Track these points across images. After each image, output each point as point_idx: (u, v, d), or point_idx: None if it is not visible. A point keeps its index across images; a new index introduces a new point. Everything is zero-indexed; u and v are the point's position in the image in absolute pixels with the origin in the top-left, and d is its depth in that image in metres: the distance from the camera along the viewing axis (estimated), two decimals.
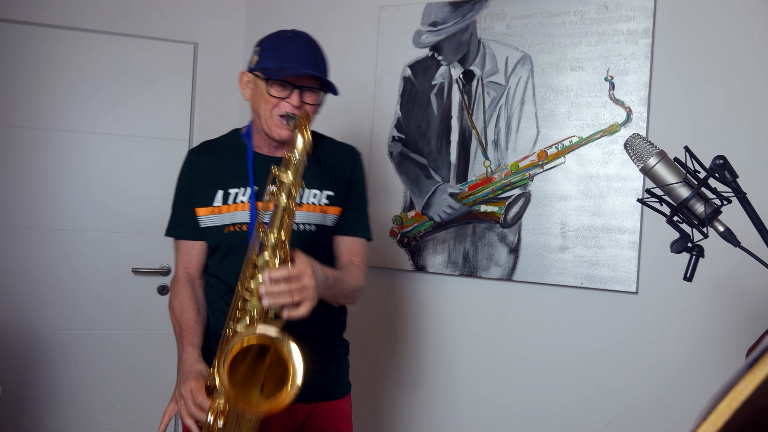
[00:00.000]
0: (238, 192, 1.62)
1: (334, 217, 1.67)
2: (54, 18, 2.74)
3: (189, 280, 1.69)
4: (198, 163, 1.68)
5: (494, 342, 2.40)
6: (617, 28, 2.19)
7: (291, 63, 1.53)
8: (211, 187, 1.64)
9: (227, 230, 1.61)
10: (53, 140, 2.77)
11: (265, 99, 1.55)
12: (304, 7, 2.82)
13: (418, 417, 2.52)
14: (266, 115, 1.56)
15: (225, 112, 2.97)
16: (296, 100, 1.54)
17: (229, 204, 1.62)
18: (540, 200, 2.30)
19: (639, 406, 2.16)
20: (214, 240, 1.64)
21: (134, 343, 2.85)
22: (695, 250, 1.16)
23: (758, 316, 1.98)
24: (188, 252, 1.69)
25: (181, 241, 1.70)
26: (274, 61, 1.55)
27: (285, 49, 1.56)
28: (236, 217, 1.61)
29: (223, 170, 1.65)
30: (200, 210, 1.64)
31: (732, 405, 0.51)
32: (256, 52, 1.61)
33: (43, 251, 2.75)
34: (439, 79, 2.48)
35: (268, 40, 1.60)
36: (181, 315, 1.62)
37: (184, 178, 1.70)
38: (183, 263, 1.70)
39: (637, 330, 2.17)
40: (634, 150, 1.20)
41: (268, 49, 1.58)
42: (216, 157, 1.69)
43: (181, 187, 1.71)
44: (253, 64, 1.60)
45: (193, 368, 1.47)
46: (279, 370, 1.33)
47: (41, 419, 2.75)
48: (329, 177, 1.67)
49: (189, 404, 1.39)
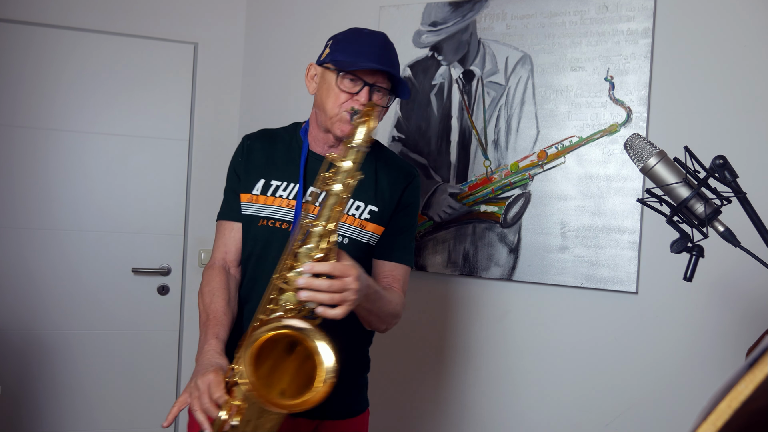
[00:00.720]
0: (280, 185, 1.55)
1: (371, 234, 1.57)
2: (54, 18, 2.74)
3: (224, 267, 1.58)
4: (249, 148, 1.62)
5: (494, 342, 2.40)
6: (617, 28, 2.19)
7: (365, 58, 1.46)
8: (254, 173, 1.57)
9: (261, 223, 1.54)
10: (53, 140, 2.77)
11: (334, 93, 1.48)
12: (304, 7, 2.82)
13: (416, 415, 2.52)
14: (333, 110, 1.48)
15: (225, 112, 2.97)
16: (365, 97, 1.47)
17: (268, 195, 1.55)
18: (540, 200, 2.30)
19: (639, 406, 2.16)
20: (250, 230, 1.56)
21: (134, 343, 2.85)
22: (695, 250, 1.16)
23: (758, 316, 1.98)
24: (231, 235, 1.59)
25: (226, 222, 1.61)
26: (348, 54, 1.48)
27: (361, 44, 1.49)
28: (273, 212, 1.53)
29: (272, 160, 1.59)
30: (242, 196, 1.57)
31: (732, 405, 0.51)
32: (327, 45, 1.54)
33: (43, 251, 2.75)
34: (439, 79, 2.48)
35: (342, 35, 1.54)
36: (211, 303, 1.51)
37: (235, 161, 1.63)
38: (221, 248, 1.60)
39: (637, 330, 2.17)
40: (634, 150, 1.20)
41: (342, 42, 1.51)
42: (268, 146, 1.61)
43: (231, 168, 1.63)
44: (323, 57, 1.53)
45: (213, 361, 1.36)
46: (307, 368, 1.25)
47: (41, 419, 2.76)
48: (378, 192, 1.57)
49: (204, 398, 1.28)
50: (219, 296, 1.52)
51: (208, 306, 1.51)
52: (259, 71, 2.94)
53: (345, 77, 1.47)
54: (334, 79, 1.48)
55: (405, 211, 1.61)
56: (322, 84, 1.52)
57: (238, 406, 1.26)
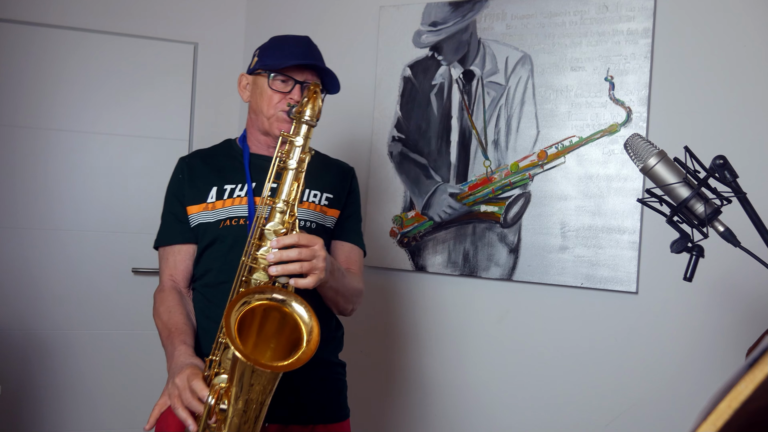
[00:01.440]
0: (234, 188, 1.59)
1: (333, 219, 1.66)
2: (54, 18, 2.74)
3: (176, 288, 1.60)
4: (189, 165, 1.65)
5: (494, 342, 2.40)
6: (617, 28, 2.19)
7: (291, 57, 1.54)
8: (204, 184, 1.59)
9: (223, 225, 1.55)
10: (53, 140, 2.77)
11: (267, 95, 1.55)
12: (304, 7, 2.82)
13: (416, 415, 2.52)
14: (269, 111, 1.55)
15: (225, 112, 2.97)
16: (297, 95, 1.53)
17: (225, 199, 1.57)
18: (540, 200, 2.30)
19: (639, 406, 2.16)
20: (210, 236, 1.56)
21: (134, 343, 2.85)
22: (695, 250, 1.16)
23: (758, 316, 1.98)
24: (174, 258, 1.60)
25: (167, 247, 1.61)
26: (275, 57, 1.55)
27: (285, 46, 1.58)
28: (233, 212, 1.56)
29: (217, 170, 1.62)
30: (192, 208, 1.59)
31: (732, 405, 0.51)
32: (255, 54, 1.62)
33: (43, 251, 2.75)
34: (439, 79, 2.48)
35: (268, 43, 1.62)
36: (169, 320, 1.51)
37: (175, 180, 1.65)
38: (168, 271, 1.61)
39: (637, 330, 2.17)
40: (634, 150, 1.20)
41: (268, 49, 1.60)
42: (209, 159, 1.66)
43: (171, 192, 1.65)
44: (252, 65, 1.61)
45: (186, 361, 1.37)
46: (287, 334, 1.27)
47: (41, 419, 2.75)
48: (329, 180, 1.66)
49: (185, 394, 1.27)
50: (176, 312, 1.53)
51: (167, 322, 1.51)
52: None
53: (276, 78, 1.54)
54: (266, 83, 1.55)
55: (353, 196, 1.72)
56: (254, 90, 1.59)
57: (224, 388, 1.27)
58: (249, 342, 1.29)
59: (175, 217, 1.61)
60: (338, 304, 1.57)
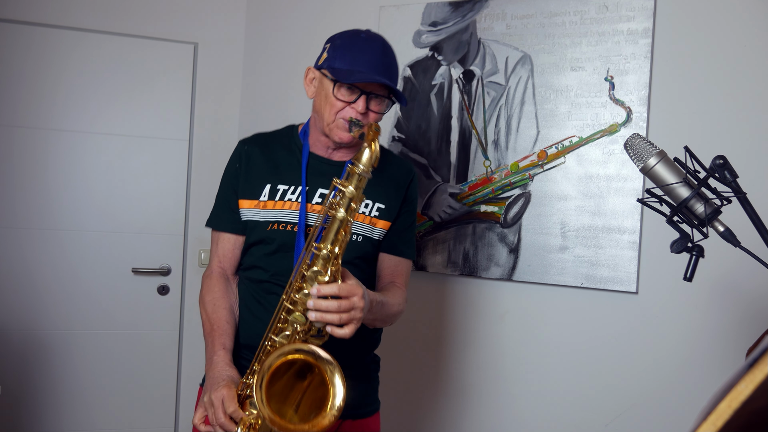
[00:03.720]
0: (287, 189, 1.55)
1: (382, 231, 1.61)
2: (54, 18, 2.74)
3: (223, 276, 1.61)
4: (248, 154, 1.61)
5: (494, 342, 2.40)
6: (617, 28, 2.19)
7: (362, 67, 1.46)
8: (258, 179, 1.57)
9: (270, 227, 1.54)
10: (53, 140, 2.77)
11: (330, 101, 1.48)
12: (304, 7, 2.82)
13: (415, 415, 2.52)
14: (329, 117, 1.50)
15: (225, 112, 2.97)
16: (362, 107, 1.47)
17: (276, 200, 1.55)
18: (540, 200, 2.30)
19: (639, 406, 2.16)
20: (257, 236, 1.56)
21: (134, 343, 2.85)
22: (695, 250, 1.16)
23: (758, 316, 1.98)
24: (224, 246, 1.61)
25: (220, 233, 1.62)
26: (345, 61, 1.47)
27: (358, 51, 1.48)
28: (282, 216, 1.54)
29: (274, 164, 1.58)
30: (244, 202, 1.57)
31: (732, 405, 0.51)
32: (325, 49, 1.53)
33: (43, 251, 2.75)
34: (439, 79, 2.48)
35: (340, 39, 1.52)
36: (213, 313, 1.54)
37: (232, 167, 1.62)
38: (218, 257, 1.62)
39: (637, 330, 2.17)
40: (634, 150, 1.20)
41: (339, 49, 1.50)
42: (268, 150, 1.61)
43: (227, 177, 1.63)
44: (321, 62, 1.52)
45: (223, 373, 1.41)
46: (318, 392, 1.30)
47: (41, 419, 2.76)
48: (383, 189, 1.59)
49: (219, 413, 1.33)
50: (221, 306, 1.56)
51: (210, 315, 1.55)
52: (259, 71, 2.94)
53: (341, 87, 1.47)
54: (330, 87, 1.48)
55: (409, 206, 1.65)
56: (320, 89, 1.52)
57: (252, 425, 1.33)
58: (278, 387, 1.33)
59: (228, 206, 1.60)
60: (374, 325, 1.58)
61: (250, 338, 1.55)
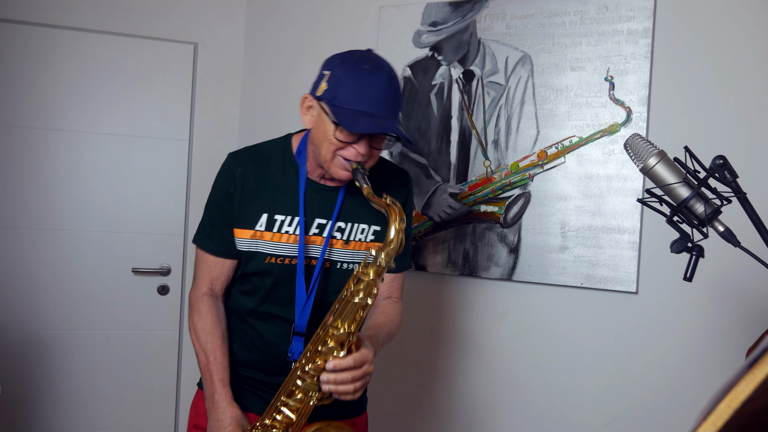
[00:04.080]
0: (285, 220, 1.49)
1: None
2: (54, 18, 2.74)
3: (213, 297, 1.56)
4: (242, 178, 1.51)
5: (494, 342, 2.40)
6: (617, 28, 2.19)
7: (367, 107, 1.34)
8: (255, 207, 1.50)
9: (268, 260, 1.50)
10: (53, 140, 2.77)
11: (329, 139, 1.37)
12: (304, 7, 2.82)
13: (415, 415, 2.52)
14: (327, 155, 1.39)
15: (225, 112, 2.97)
16: (364, 149, 1.37)
17: (273, 232, 1.49)
18: (540, 200, 2.30)
19: (639, 406, 2.16)
20: (255, 266, 1.52)
21: (134, 343, 2.85)
22: (695, 250, 1.16)
23: (758, 316, 1.98)
24: (218, 269, 1.55)
25: (212, 255, 1.55)
26: (348, 99, 1.34)
27: (361, 88, 1.35)
28: (280, 249, 1.49)
29: (270, 190, 1.51)
30: (239, 232, 1.50)
31: (732, 405, 0.51)
32: (325, 77, 1.39)
33: (43, 251, 2.75)
34: (439, 79, 2.48)
35: (341, 68, 1.38)
36: (207, 343, 1.51)
37: (225, 190, 1.52)
38: (209, 277, 1.56)
39: (637, 330, 2.17)
40: (634, 150, 1.20)
41: (341, 80, 1.36)
42: (262, 170, 1.52)
43: (218, 199, 1.54)
44: (320, 92, 1.39)
45: (227, 413, 1.43)
46: None
47: (41, 419, 2.76)
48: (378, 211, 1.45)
49: None
50: (215, 335, 1.52)
51: (204, 345, 1.51)
52: (259, 71, 2.94)
53: (343, 129, 1.35)
54: (331, 128, 1.37)
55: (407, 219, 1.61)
56: (318, 123, 1.41)
57: None
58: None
59: (220, 231, 1.53)
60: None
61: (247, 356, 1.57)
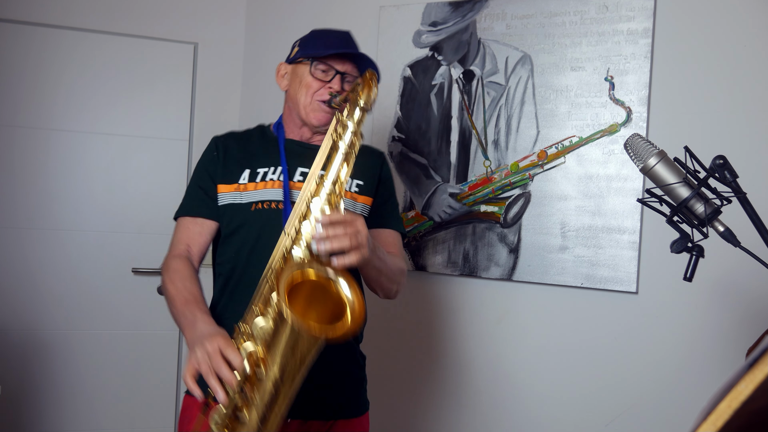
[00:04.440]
0: (267, 171, 1.57)
1: (363, 206, 1.63)
2: (54, 18, 2.74)
3: (188, 259, 1.52)
4: (224, 144, 1.63)
5: (494, 342, 2.40)
6: (617, 28, 2.19)
7: (335, 48, 1.55)
8: (236, 166, 1.57)
9: (255, 207, 1.52)
10: (53, 140, 2.77)
11: (306, 84, 1.55)
12: (304, 7, 2.82)
13: (414, 415, 2.52)
14: (306, 100, 1.56)
15: (225, 112, 2.97)
16: (338, 85, 1.54)
17: (257, 182, 1.55)
18: (540, 200, 2.30)
19: (639, 406, 2.16)
20: (238, 220, 1.52)
21: (134, 343, 2.85)
22: (695, 250, 1.16)
23: (758, 316, 1.98)
24: (196, 229, 1.55)
25: (189, 218, 1.56)
26: (317, 47, 1.57)
27: (328, 37, 1.60)
28: (265, 195, 1.53)
29: (251, 153, 1.60)
30: (223, 187, 1.55)
31: (732, 405, 0.51)
32: (295, 45, 1.63)
33: (43, 251, 2.75)
34: (439, 79, 2.48)
35: (308, 34, 1.64)
36: (185, 287, 1.44)
37: (208, 155, 1.62)
38: (186, 239, 1.54)
39: (637, 330, 2.17)
40: (634, 150, 1.20)
41: (309, 40, 1.61)
42: (243, 142, 1.65)
43: (202, 165, 1.61)
44: (292, 55, 1.62)
45: (212, 329, 1.31)
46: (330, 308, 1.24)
47: (41, 419, 2.75)
48: (358, 169, 1.52)
49: (216, 360, 1.19)
50: (191, 281, 1.47)
51: (182, 289, 1.44)
52: (259, 71, 2.94)
53: (318, 66, 1.54)
54: (306, 71, 1.56)
55: (386, 184, 1.71)
56: (293, 79, 1.60)
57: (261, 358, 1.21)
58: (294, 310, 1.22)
59: (204, 191, 1.57)
60: (382, 284, 1.54)
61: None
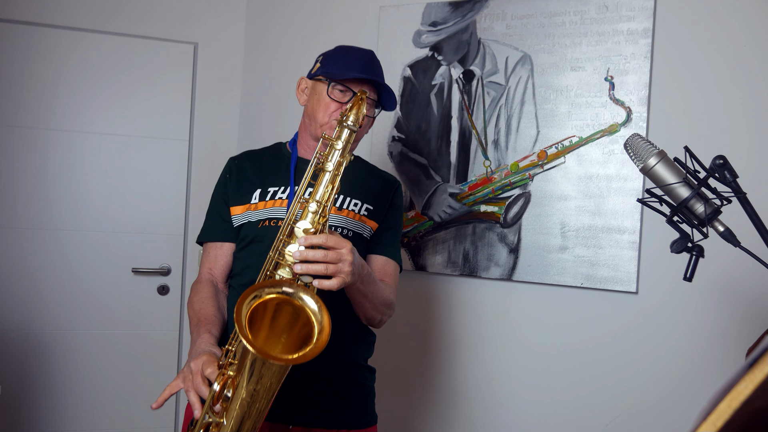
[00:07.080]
0: (277, 190, 1.61)
1: (371, 230, 1.65)
2: (54, 18, 2.74)
3: (212, 281, 1.64)
4: (238, 166, 1.68)
5: (494, 342, 2.40)
6: (617, 28, 2.19)
7: (355, 70, 1.56)
8: (249, 186, 1.62)
9: (262, 225, 1.57)
10: (53, 140, 2.77)
11: (324, 103, 1.56)
12: (304, 7, 2.82)
13: (415, 415, 2.52)
14: (323, 119, 1.56)
15: (225, 112, 2.97)
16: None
17: (267, 200, 1.59)
18: (540, 200, 2.30)
19: (639, 406, 2.16)
20: (249, 236, 1.59)
21: (134, 343, 2.85)
22: (695, 250, 1.16)
23: (758, 315, 1.98)
24: (215, 253, 1.65)
25: (209, 243, 1.67)
26: (338, 66, 1.57)
27: (350, 57, 1.59)
28: (273, 213, 1.58)
29: (263, 172, 1.65)
30: (236, 209, 1.62)
31: (732, 405, 0.51)
32: (318, 60, 1.64)
33: (43, 251, 2.75)
34: (439, 79, 2.48)
35: (332, 51, 1.64)
36: (201, 309, 1.55)
37: (222, 180, 1.68)
38: (208, 264, 1.66)
39: (637, 330, 2.17)
40: (634, 150, 1.20)
41: (332, 57, 1.61)
42: (257, 161, 1.69)
43: (217, 190, 1.69)
44: (314, 71, 1.62)
45: (206, 348, 1.39)
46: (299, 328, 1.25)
47: (41, 419, 2.75)
48: (370, 193, 1.66)
49: (196, 378, 1.28)
50: (209, 304, 1.57)
51: (198, 312, 1.55)
52: (259, 71, 2.94)
53: (336, 87, 1.55)
54: (325, 90, 1.56)
55: (395, 210, 1.70)
56: (312, 95, 1.61)
57: (231, 377, 1.25)
58: (260, 334, 1.28)
59: (219, 216, 1.65)
60: (366, 310, 1.55)
61: None
